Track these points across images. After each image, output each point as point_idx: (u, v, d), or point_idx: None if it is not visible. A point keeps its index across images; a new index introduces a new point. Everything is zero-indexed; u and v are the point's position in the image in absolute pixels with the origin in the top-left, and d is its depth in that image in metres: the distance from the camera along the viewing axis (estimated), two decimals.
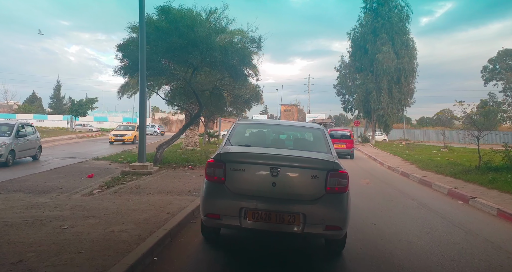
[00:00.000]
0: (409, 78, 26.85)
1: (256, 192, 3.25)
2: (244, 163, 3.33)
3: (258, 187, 3.27)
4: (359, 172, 11.91)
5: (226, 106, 15.23)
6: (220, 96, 12.31)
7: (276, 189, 3.22)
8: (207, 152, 14.75)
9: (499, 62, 55.23)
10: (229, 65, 9.32)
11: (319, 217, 3.16)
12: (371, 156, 18.78)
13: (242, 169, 3.29)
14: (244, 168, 3.30)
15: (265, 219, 3.17)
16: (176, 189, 6.33)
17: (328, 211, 3.20)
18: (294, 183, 3.28)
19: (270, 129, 4.67)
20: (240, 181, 3.30)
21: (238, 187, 3.28)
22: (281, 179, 3.23)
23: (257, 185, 3.28)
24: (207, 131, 22.97)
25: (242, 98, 10.94)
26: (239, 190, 3.27)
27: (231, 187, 3.27)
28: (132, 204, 4.99)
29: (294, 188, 3.26)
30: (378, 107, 26.93)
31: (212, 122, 27.13)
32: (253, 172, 3.31)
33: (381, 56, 25.70)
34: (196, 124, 15.86)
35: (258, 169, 3.30)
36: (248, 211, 3.18)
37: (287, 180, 3.26)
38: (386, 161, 15.17)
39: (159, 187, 6.41)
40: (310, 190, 3.25)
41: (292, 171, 3.28)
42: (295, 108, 73.41)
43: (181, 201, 5.28)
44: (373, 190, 8.26)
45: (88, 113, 36.89)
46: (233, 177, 3.29)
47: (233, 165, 3.30)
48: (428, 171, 11.17)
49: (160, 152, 9.50)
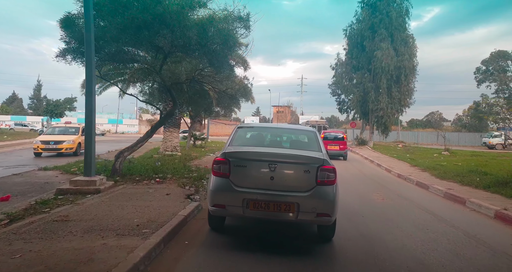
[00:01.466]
0: (409, 77, 25.25)
1: (256, 185, 3.73)
2: (246, 160, 3.79)
3: (258, 180, 3.74)
4: (366, 182, 10.05)
5: (212, 104, 13.21)
6: (202, 93, 10.29)
7: (274, 182, 3.70)
8: (189, 158, 12.69)
9: (491, 64, 54.58)
10: (208, 50, 7.33)
11: (311, 205, 3.62)
12: (373, 160, 16.98)
13: (245, 165, 3.76)
14: (246, 165, 3.77)
15: (264, 208, 3.63)
16: (121, 221, 4.27)
17: (319, 201, 3.64)
18: (289, 177, 3.76)
19: (268, 132, 5.10)
20: (243, 176, 3.77)
21: (241, 181, 3.75)
22: (278, 173, 3.71)
23: (258, 179, 3.74)
24: (192, 134, 20.85)
25: (227, 94, 8.89)
26: (242, 183, 3.74)
27: (235, 181, 3.75)
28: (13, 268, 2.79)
29: (289, 181, 3.75)
30: (377, 108, 25.23)
31: (199, 123, 24.99)
32: (254, 167, 3.77)
33: (380, 53, 24.03)
34: (175, 126, 13.79)
35: (258, 165, 3.76)
36: (250, 201, 3.65)
37: (283, 174, 3.74)
38: (393, 167, 13.36)
39: (96, 218, 4.32)
40: (303, 183, 3.71)
41: (287, 166, 3.77)
42: (288, 110, 71.79)
43: (112, 251, 3.23)
44: (393, 209, 6.36)
45: (65, 114, 34.28)
46: (237, 172, 3.76)
47: (236, 162, 3.78)
48: (449, 181, 9.35)
49: (120, 160, 7.41)
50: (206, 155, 15.26)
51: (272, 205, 3.60)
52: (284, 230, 4.56)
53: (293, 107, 75.20)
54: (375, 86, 25.60)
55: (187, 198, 6.01)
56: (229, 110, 16.79)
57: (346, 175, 11.54)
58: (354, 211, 6.02)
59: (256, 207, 3.62)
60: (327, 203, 3.66)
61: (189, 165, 10.63)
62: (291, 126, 6.15)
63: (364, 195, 7.80)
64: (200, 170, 9.28)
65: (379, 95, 25.11)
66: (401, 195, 7.95)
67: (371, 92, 25.51)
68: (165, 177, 7.66)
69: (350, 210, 6.07)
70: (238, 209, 3.65)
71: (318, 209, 3.60)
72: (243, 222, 4.77)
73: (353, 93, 27.77)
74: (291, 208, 3.59)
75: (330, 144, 17.79)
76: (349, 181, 10.26)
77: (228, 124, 65.57)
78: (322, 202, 3.64)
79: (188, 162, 11.77)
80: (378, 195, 7.77)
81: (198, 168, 9.76)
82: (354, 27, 27.78)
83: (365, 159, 18.72)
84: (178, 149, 13.95)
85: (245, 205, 3.63)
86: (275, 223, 4.64)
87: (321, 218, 3.63)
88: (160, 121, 8.11)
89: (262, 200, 3.62)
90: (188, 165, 10.75)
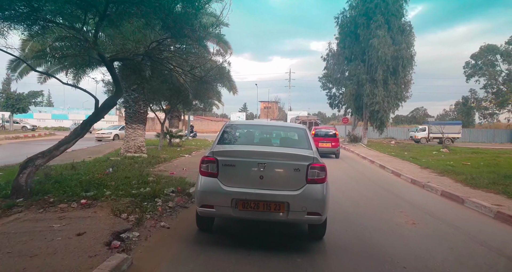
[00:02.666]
0: (407, 68, 23.32)
1: (245, 184, 3.64)
2: (234, 159, 3.70)
3: (248, 180, 3.66)
4: (377, 191, 7.85)
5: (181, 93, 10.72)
6: (166, 77, 7.77)
7: (263, 181, 3.62)
8: (155, 161, 10.20)
9: (481, 58, 53.75)
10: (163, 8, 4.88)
11: (301, 204, 3.54)
12: (373, 160, 14.92)
13: (233, 164, 3.68)
14: (234, 164, 3.68)
15: (254, 208, 3.55)
16: None
17: (309, 199, 3.56)
18: (279, 175, 3.69)
19: (257, 130, 5.12)
20: (232, 175, 3.68)
21: (229, 180, 3.66)
22: (268, 172, 3.63)
23: (247, 178, 3.66)
24: (168, 131, 18.24)
25: (196, 76, 6.39)
26: (230, 183, 3.65)
27: (224, 181, 3.66)
28: None
29: (279, 180, 3.68)
30: (372, 102, 23.22)
31: (177, 119, 22.38)
32: (243, 167, 3.68)
33: (376, 41, 21.94)
34: (139, 122, 11.24)
35: (247, 164, 3.66)
36: (239, 201, 3.56)
37: (273, 173, 3.66)
38: (401, 170, 11.28)
39: None
40: (293, 181, 3.64)
41: (277, 165, 3.69)
42: (275, 106, 69.66)
43: None
44: (437, 244, 4.14)
45: (29, 109, 30.83)
46: (225, 172, 3.68)
47: (224, 161, 3.68)
48: (488, 192, 7.23)
49: (28, 172, 4.88)
50: (179, 156, 12.78)
51: (262, 205, 3.56)
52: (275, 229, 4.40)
53: (280, 103, 73.18)
54: (370, 78, 23.57)
55: (115, 238, 3.61)
56: (208, 103, 14.27)
57: (349, 180, 9.33)
58: (384, 251, 3.77)
59: (245, 207, 3.58)
60: (318, 202, 3.61)
61: (149, 172, 8.17)
62: (280, 124, 6.04)
63: (385, 214, 5.59)
64: (159, 181, 6.85)
65: (375, 88, 23.10)
66: (433, 215, 5.75)
67: (366, 85, 23.48)
68: (99, 195, 5.18)
69: (379, 248, 3.85)
70: (227, 209, 3.59)
71: (308, 208, 3.56)
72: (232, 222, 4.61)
73: (345, 86, 25.71)
74: (281, 207, 3.55)
75: (322, 141, 16.21)
76: (355, 189, 8.05)
77: (215, 121, 62.89)
78: (313, 201, 3.59)
79: (151, 167, 9.29)
80: (404, 215, 5.56)
81: (159, 177, 7.33)
82: (346, 14, 25.63)
83: (363, 158, 16.65)
84: (144, 149, 11.42)
85: (234, 205, 3.58)
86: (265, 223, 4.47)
87: (311, 217, 3.58)
88: (96, 113, 5.59)
89: (252, 200, 3.57)
90: (148, 171, 8.29)
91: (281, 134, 5.05)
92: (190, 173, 8.49)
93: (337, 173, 10.87)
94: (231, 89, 11.56)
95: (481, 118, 56.69)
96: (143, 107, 11.08)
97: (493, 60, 53.13)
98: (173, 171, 8.71)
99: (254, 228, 4.52)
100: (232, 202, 3.55)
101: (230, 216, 3.64)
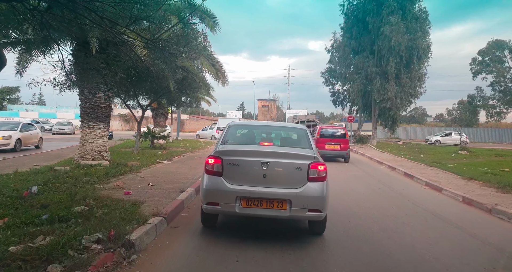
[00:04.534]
0: (422, 60, 20.77)
1: (249, 183, 3.77)
2: (238, 159, 3.83)
3: (251, 178, 3.79)
4: (429, 220, 5.01)
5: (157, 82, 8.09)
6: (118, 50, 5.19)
7: (266, 179, 3.76)
8: (112, 173, 7.60)
9: (488, 54, 51.25)
10: None
11: (303, 202, 3.69)
12: (392, 166, 12.38)
13: (237, 164, 3.81)
14: (238, 163, 3.81)
15: (257, 205, 3.72)
16: None
17: (310, 197, 3.72)
18: (281, 174, 3.81)
19: (259, 130, 5.20)
20: (236, 174, 3.81)
21: (233, 179, 3.80)
22: (270, 171, 3.77)
23: (250, 177, 3.79)
24: (150, 131, 15.59)
25: (156, 45, 3.85)
26: (234, 181, 3.79)
27: (228, 179, 3.80)
28: None
29: (281, 178, 3.81)
30: (383, 98, 20.64)
31: (163, 117, 19.71)
32: (247, 166, 3.81)
33: (389, 29, 19.35)
34: (100, 119, 8.61)
35: (251, 163, 3.79)
36: (243, 199, 3.73)
37: (275, 171, 3.79)
38: (438, 181, 8.72)
39: None
40: (294, 180, 3.78)
41: (279, 164, 3.81)
42: (274, 105, 66.88)
43: None
44: None
45: (4, 106, 28.04)
46: (229, 170, 3.81)
47: (229, 160, 3.82)
48: None
49: None
50: (155, 163, 10.16)
51: (265, 202, 3.70)
52: None
53: (278, 102, 70.53)
54: (381, 71, 20.99)
55: None
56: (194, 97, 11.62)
57: (373, 196, 6.60)
58: None
59: (249, 204, 3.71)
60: (318, 199, 3.73)
61: (94, 192, 5.55)
62: (281, 124, 6.28)
63: None
64: (93, 213, 4.25)
65: (386, 82, 20.53)
66: None
67: (375, 80, 20.89)
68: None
69: None
70: (231, 206, 3.71)
71: (309, 205, 3.68)
72: None
73: (352, 81, 23.14)
74: (283, 205, 3.68)
75: (329, 142, 13.77)
76: (392, 214, 5.20)
77: (210, 120, 60.09)
78: (313, 198, 3.71)
79: (105, 182, 6.66)
80: None
81: (99, 203, 4.74)
82: (353, 1, 23.04)
83: (378, 163, 14.09)
84: (106, 155, 8.78)
85: (238, 202, 3.70)
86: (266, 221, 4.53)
87: (312, 213, 3.71)
88: None
89: (255, 197, 3.70)
90: (93, 191, 5.66)
91: (282, 134, 5.22)
92: (156, 193, 5.89)
93: (355, 185, 8.28)
94: (218, 78, 9.03)
95: (488, 117, 54.37)
96: (104, 100, 8.47)
97: (501, 56, 50.69)
98: (132, 190, 6.08)
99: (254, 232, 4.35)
100: (236, 199, 3.70)
101: (235, 213, 3.76)
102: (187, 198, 5.70)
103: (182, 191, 6.07)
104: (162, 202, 5.24)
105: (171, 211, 4.74)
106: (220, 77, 9.65)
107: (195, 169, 9.31)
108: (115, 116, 59.10)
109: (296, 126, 5.39)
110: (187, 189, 6.29)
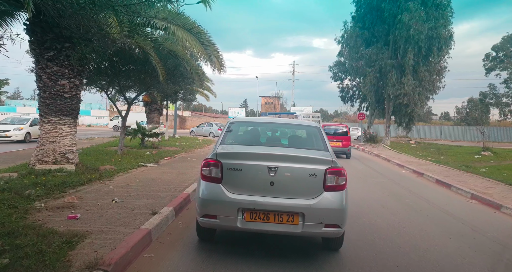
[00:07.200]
0: (443, 52, 18.81)
1: (254, 192, 3.20)
2: (241, 162, 3.24)
3: (256, 186, 3.21)
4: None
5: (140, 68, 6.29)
6: None
7: (274, 188, 3.18)
8: (71, 182, 5.84)
9: (503, 50, 48.83)
10: None
11: (318, 215, 3.11)
12: (418, 170, 10.57)
13: (239, 169, 3.23)
14: (241, 168, 3.23)
15: (263, 219, 3.14)
16: None
17: (327, 209, 3.14)
18: (292, 181, 3.22)
19: (265, 128, 4.56)
20: (237, 181, 3.24)
21: (235, 187, 3.22)
22: (279, 178, 3.18)
23: (255, 185, 3.21)
24: (140, 128, 13.85)
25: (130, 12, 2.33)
26: (236, 189, 3.21)
27: (228, 187, 3.22)
28: None
29: (292, 186, 3.21)
30: (400, 94, 18.72)
31: (157, 113, 17.97)
32: (251, 171, 3.22)
33: (407, 16, 17.40)
34: (64, 113, 6.86)
35: (256, 168, 3.21)
36: (246, 211, 3.13)
37: (285, 178, 3.20)
38: (490, 194, 6.90)
39: None
40: (308, 189, 3.19)
41: (290, 170, 3.21)
42: (277, 101, 65.05)
43: None
44: None
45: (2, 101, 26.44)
46: (230, 177, 3.23)
47: (229, 164, 3.24)
48: None
49: None
50: (138, 166, 8.41)
51: (273, 215, 3.12)
52: None
53: (283, 99, 68.65)
54: (397, 64, 19.06)
55: None
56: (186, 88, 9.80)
57: (414, 216, 4.72)
58: None
59: (253, 218, 3.13)
60: (337, 212, 3.15)
61: (36, 215, 3.81)
62: (290, 121, 5.29)
63: None
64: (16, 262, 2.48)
65: (403, 76, 18.61)
66: None
67: (390, 73, 18.97)
68: None
69: None
70: (232, 220, 3.13)
71: (326, 219, 3.10)
72: None
73: (364, 74, 21.21)
74: (294, 219, 3.10)
75: (331, 139, 13.65)
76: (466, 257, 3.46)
77: (214, 117, 58.26)
78: (331, 211, 3.13)
79: (54, 197, 4.91)
80: None
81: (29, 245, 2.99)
82: None
83: (398, 166, 12.27)
84: (73, 157, 7.02)
85: (241, 215, 3.12)
86: None
87: (329, 229, 3.12)
88: None
89: (261, 210, 3.12)
90: (27, 213, 3.92)
91: (292, 133, 4.69)
92: (116, 216, 4.12)
93: (380, 195, 6.45)
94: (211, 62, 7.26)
95: (502, 116, 52.14)
96: (70, 88, 6.72)
97: None
98: (85, 209, 4.31)
99: None
100: (238, 211, 3.12)
101: (236, 228, 3.15)
102: (158, 225, 3.93)
103: (155, 212, 4.30)
104: (117, 234, 3.49)
105: (124, 254, 2.98)
106: (215, 63, 7.84)
107: (183, 175, 7.56)
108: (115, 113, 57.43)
109: (308, 123, 4.57)
110: (163, 208, 4.52)
